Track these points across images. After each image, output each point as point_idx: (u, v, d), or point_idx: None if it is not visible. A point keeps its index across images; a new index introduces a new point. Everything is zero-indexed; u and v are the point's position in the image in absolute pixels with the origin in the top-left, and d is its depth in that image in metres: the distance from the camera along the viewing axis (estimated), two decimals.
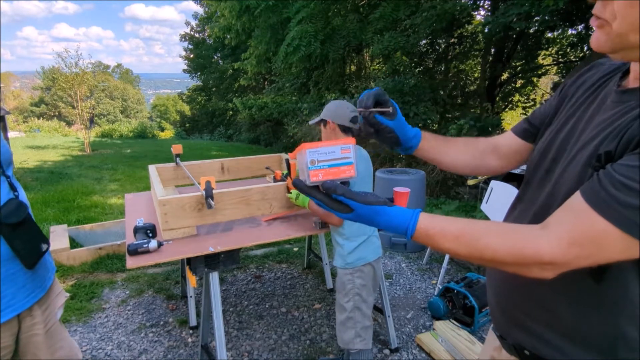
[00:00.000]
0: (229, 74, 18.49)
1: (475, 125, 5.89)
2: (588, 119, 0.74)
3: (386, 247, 3.85)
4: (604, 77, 0.79)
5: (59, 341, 1.28)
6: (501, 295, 0.88)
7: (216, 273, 1.80)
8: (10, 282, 1.09)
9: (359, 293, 1.88)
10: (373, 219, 0.71)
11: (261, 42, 9.63)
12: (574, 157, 0.72)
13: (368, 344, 1.91)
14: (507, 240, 0.66)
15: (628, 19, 0.60)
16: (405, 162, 6.98)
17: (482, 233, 0.68)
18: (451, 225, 0.70)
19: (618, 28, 0.61)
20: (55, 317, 1.27)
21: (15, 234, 1.07)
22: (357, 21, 7.93)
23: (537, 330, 0.79)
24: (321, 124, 1.94)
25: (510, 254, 0.65)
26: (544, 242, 0.63)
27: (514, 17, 5.32)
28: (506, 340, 0.88)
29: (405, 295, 3.04)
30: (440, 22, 6.54)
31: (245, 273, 3.38)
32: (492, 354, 0.98)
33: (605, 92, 0.75)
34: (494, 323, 0.94)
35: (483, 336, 2.51)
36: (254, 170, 2.82)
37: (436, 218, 0.72)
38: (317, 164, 0.72)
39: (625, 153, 0.61)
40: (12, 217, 1.07)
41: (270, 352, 2.35)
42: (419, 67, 8.76)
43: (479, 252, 0.68)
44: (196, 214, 1.80)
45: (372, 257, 1.88)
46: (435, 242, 0.71)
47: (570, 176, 0.70)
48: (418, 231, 0.70)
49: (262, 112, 10.81)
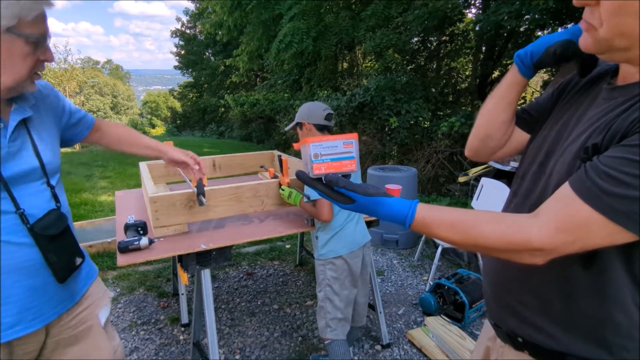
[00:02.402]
0: (220, 71, 18.37)
1: (466, 122, 5.93)
2: (580, 115, 0.79)
3: (378, 244, 3.87)
4: (596, 76, 0.83)
5: (90, 345, 1.23)
6: (496, 284, 0.91)
7: (208, 270, 1.79)
8: (41, 292, 1.06)
9: (330, 285, 1.92)
10: (374, 208, 0.76)
11: (253, 39, 9.59)
12: (565, 150, 0.76)
13: (339, 335, 1.95)
14: (499, 228, 0.70)
15: (613, 25, 0.64)
16: (397, 160, 7.02)
17: (476, 221, 0.72)
18: (447, 215, 0.75)
19: (604, 33, 0.66)
20: (87, 323, 1.23)
21: (51, 246, 1.05)
22: (349, 18, 7.92)
23: (529, 317, 0.82)
24: (297, 127, 1.98)
25: (502, 241, 0.69)
26: (535, 229, 0.67)
27: (504, 15, 5.36)
28: (501, 328, 0.91)
29: (397, 292, 3.06)
30: (432, 20, 6.56)
31: (237, 270, 3.38)
32: (487, 344, 1.00)
33: (597, 89, 0.79)
34: (489, 312, 0.97)
35: (473, 331, 2.54)
36: (246, 167, 2.81)
37: (433, 208, 0.76)
38: (320, 158, 0.75)
39: (611, 145, 0.65)
40: (51, 228, 1.05)
41: (263, 349, 2.35)
42: (411, 65, 8.78)
43: (473, 239, 0.72)
44: (187, 211, 1.79)
45: (343, 251, 1.90)
46: (432, 231, 0.75)
47: (561, 168, 0.74)
48: (416, 220, 0.74)
49: (254, 109, 10.76)
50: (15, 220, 1.00)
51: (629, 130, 0.63)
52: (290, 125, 2.02)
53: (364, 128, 7.28)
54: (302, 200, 1.89)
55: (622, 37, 0.64)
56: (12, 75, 0.97)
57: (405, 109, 6.73)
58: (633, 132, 0.62)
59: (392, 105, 6.78)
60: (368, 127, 7.26)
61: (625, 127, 0.64)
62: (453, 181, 6.01)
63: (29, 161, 1.05)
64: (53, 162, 1.11)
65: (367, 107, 7.06)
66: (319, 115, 1.91)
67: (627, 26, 0.63)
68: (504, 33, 7.03)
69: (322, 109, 1.92)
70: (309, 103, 1.98)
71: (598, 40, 0.68)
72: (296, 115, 1.97)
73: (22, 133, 1.05)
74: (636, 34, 0.63)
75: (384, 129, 7.22)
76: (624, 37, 0.64)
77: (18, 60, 0.96)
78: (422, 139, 6.79)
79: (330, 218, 1.84)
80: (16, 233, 1.00)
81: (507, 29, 6.25)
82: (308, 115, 1.92)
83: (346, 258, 1.91)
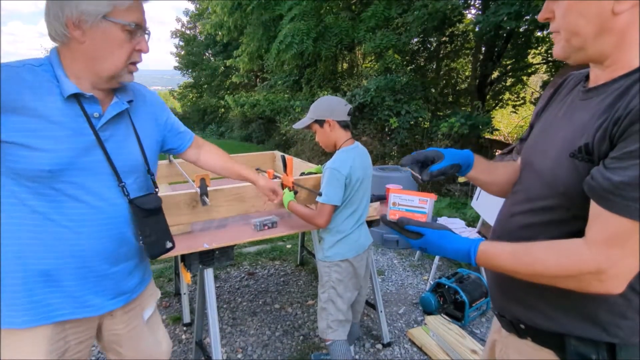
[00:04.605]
0: (220, 71, 18.35)
1: (466, 123, 5.95)
2: (563, 116, 0.87)
3: (378, 244, 3.88)
4: (577, 83, 0.91)
5: (142, 341, 1.28)
6: (500, 275, 0.94)
7: (211, 269, 1.81)
8: (104, 281, 1.11)
9: (334, 287, 1.91)
10: (441, 243, 0.85)
11: (253, 39, 9.60)
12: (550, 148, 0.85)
13: (340, 336, 1.94)
14: (553, 252, 0.74)
15: (565, 27, 0.76)
16: (397, 160, 7.03)
17: (531, 248, 0.77)
18: (506, 245, 0.81)
19: (563, 36, 0.77)
20: (141, 318, 1.28)
21: (147, 220, 1.11)
22: (349, 19, 7.94)
23: (531, 302, 0.87)
24: (315, 125, 1.88)
25: (558, 265, 0.73)
26: (585, 250, 0.70)
27: (504, 16, 5.38)
28: (504, 317, 0.95)
29: (397, 291, 3.08)
30: (432, 21, 6.58)
31: (238, 270, 3.40)
32: (494, 337, 1.05)
33: (575, 92, 0.88)
34: (493, 302, 1.01)
35: (473, 330, 2.56)
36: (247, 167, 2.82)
37: (492, 242, 0.84)
38: (397, 206, 0.92)
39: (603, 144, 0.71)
40: (148, 204, 1.11)
41: (264, 348, 2.37)
42: (411, 65, 8.79)
43: (531, 266, 0.76)
44: (190, 211, 1.81)
45: (350, 255, 1.90)
46: (495, 262, 0.81)
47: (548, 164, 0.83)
48: (479, 252, 0.81)
49: (254, 110, 10.76)
50: (117, 192, 1.07)
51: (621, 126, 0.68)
52: (303, 122, 1.90)
53: (363, 129, 7.29)
54: (291, 202, 1.88)
55: (576, 36, 0.75)
56: (109, 64, 1.00)
57: (405, 110, 6.74)
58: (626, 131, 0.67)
59: (392, 105, 6.79)
60: (368, 128, 7.27)
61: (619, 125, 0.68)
62: (453, 181, 6.02)
63: (134, 152, 1.12)
64: (152, 158, 1.19)
65: (367, 108, 7.07)
66: (342, 111, 1.83)
67: (578, 26, 0.74)
68: (503, 34, 7.05)
69: (344, 104, 1.84)
70: (326, 98, 1.88)
71: (562, 45, 0.78)
72: (312, 112, 1.87)
73: (123, 124, 1.10)
74: (586, 32, 0.73)
75: (384, 129, 7.24)
76: (578, 37, 0.75)
77: (115, 48, 0.99)
78: (422, 140, 6.80)
79: (325, 225, 1.84)
80: (116, 198, 1.07)
81: (506, 29, 6.27)
82: (331, 112, 1.82)
83: (352, 261, 1.91)
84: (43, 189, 0.97)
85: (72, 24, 0.94)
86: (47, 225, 1.00)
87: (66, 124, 0.98)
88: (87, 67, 1.00)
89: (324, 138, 1.89)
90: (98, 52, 0.98)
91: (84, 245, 1.04)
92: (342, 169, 1.77)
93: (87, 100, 1.01)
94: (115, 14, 0.96)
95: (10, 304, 1.01)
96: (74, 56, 0.99)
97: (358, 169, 1.83)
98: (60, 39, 0.98)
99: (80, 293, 1.08)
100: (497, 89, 9.26)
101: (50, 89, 0.96)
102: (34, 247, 1.00)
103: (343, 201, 1.83)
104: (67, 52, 0.99)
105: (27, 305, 1.01)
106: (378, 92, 6.85)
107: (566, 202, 0.79)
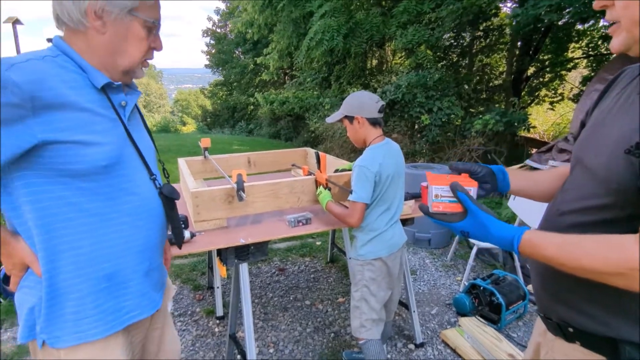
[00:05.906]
0: (250, 69, 18.59)
1: (501, 120, 5.77)
2: (618, 111, 0.82)
3: (410, 242, 3.83)
4: (633, 76, 0.86)
5: (166, 335, 1.26)
6: (544, 273, 0.91)
7: (246, 264, 1.83)
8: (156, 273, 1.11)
9: (367, 285, 1.89)
10: (485, 226, 0.82)
11: (283, 37, 9.64)
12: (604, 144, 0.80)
13: (373, 335, 1.92)
14: (602, 245, 0.70)
15: (629, 15, 0.71)
16: (428, 158, 6.90)
17: (582, 240, 0.73)
18: (554, 236, 0.77)
19: (624, 26, 0.73)
20: (167, 311, 1.28)
21: (172, 209, 1.12)
22: (380, 15, 7.85)
23: (580, 305, 0.83)
24: (345, 120, 1.88)
25: (606, 259, 0.69)
26: (633, 245, 0.66)
27: (544, 8, 5.16)
28: (551, 320, 0.91)
29: (430, 291, 3.02)
30: (467, 15, 6.41)
31: (269, 265, 3.43)
32: (537, 340, 1.01)
33: (632, 86, 0.83)
34: (538, 305, 0.97)
35: (510, 334, 2.48)
36: (279, 164, 2.85)
37: (539, 231, 0.80)
38: (439, 198, 0.89)
39: None
40: (173, 193, 1.10)
41: (296, 344, 2.38)
42: (443, 61, 8.61)
43: (578, 260, 0.72)
44: (227, 206, 1.83)
45: (383, 253, 1.87)
46: (540, 251, 0.77)
47: (602, 161, 0.79)
48: (523, 240, 0.78)
49: (283, 107, 10.82)
50: (150, 182, 1.07)
51: None
52: (334, 116, 1.91)
53: (394, 126, 7.20)
54: (328, 202, 1.88)
55: (637, 25, 0.70)
56: (128, 58, 0.99)
57: (437, 106, 6.61)
58: None
59: (424, 102, 6.67)
60: (399, 125, 7.18)
61: None
62: None
63: (148, 140, 1.13)
64: None
65: (398, 105, 6.98)
66: (372, 108, 1.81)
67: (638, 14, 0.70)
68: (541, 27, 6.78)
69: (375, 100, 1.82)
70: (358, 93, 1.87)
71: (622, 36, 0.74)
72: (343, 107, 1.87)
73: (136, 113, 1.12)
74: None
75: (414, 126, 7.13)
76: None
77: (135, 42, 0.99)
78: (455, 137, 6.65)
79: (358, 224, 1.82)
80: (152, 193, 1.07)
81: (545, 23, 6.02)
82: (360, 109, 1.81)
83: (385, 260, 1.89)
84: (99, 187, 0.94)
85: (93, 13, 0.90)
86: (105, 227, 0.96)
87: (106, 115, 0.95)
88: (106, 58, 0.96)
89: (354, 134, 1.89)
90: (119, 45, 0.96)
91: (142, 239, 1.03)
92: (370, 166, 1.75)
93: (114, 90, 0.99)
94: (141, 9, 0.95)
95: (77, 318, 0.95)
96: (92, 46, 0.94)
97: (388, 166, 1.80)
98: (72, 25, 0.92)
99: (146, 290, 1.06)
100: (534, 85, 8.94)
101: (81, 80, 0.92)
102: (94, 253, 0.95)
103: (374, 199, 1.81)
104: (80, 42, 0.94)
105: (97, 315, 0.97)
106: (409, 89, 6.74)
107: (620, 201, 0.75)
